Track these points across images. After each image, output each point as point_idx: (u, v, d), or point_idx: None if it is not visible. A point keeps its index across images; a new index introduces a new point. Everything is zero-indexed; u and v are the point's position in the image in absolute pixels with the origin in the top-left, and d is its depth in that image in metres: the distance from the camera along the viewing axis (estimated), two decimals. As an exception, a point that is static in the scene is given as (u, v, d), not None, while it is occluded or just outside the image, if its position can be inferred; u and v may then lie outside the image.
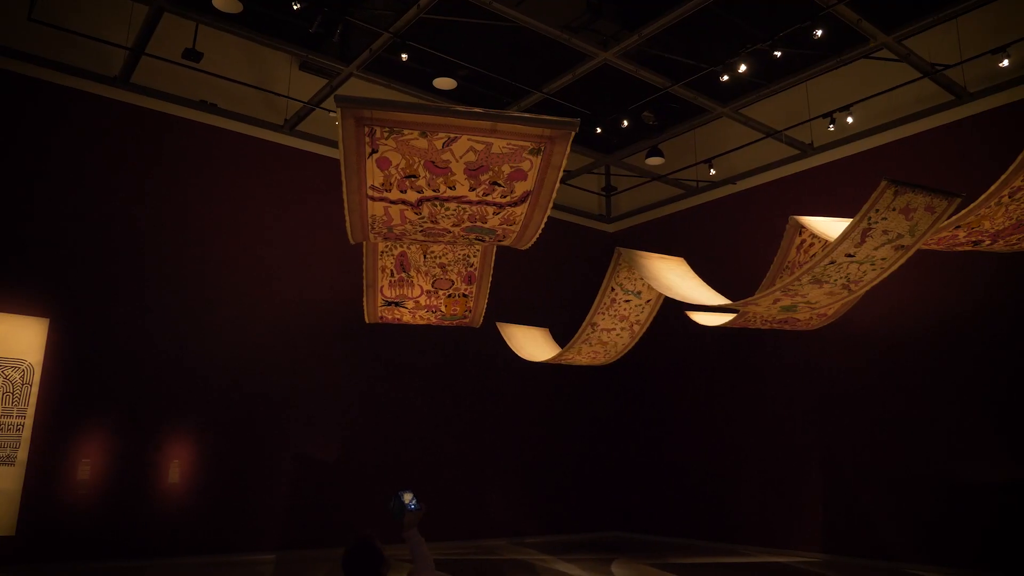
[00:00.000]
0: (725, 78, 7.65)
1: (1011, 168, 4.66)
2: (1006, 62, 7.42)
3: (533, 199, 4.53)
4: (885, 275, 5.16)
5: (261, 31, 7.81)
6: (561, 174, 4.33)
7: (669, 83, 8.23)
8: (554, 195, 4.50)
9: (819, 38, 7.19)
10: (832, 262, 4.89)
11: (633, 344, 7.76)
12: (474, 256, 6.87)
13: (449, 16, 7.37)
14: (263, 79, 9.18)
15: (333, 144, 9.61)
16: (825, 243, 6.78)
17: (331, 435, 9.01)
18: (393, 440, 9.43)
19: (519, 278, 10.05)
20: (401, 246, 6.58)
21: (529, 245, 5.28)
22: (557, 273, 11.34)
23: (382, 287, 7.00)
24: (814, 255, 6.95)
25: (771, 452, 9.40)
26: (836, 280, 5.15)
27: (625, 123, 8.93)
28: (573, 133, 4.07)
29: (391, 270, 6.83)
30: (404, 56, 7.25)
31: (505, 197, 4.49)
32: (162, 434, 7.92)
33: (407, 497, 3.02)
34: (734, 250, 10.12)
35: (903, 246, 4.88)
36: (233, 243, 8.71)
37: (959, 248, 5.88)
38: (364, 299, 7.07)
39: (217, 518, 8.03)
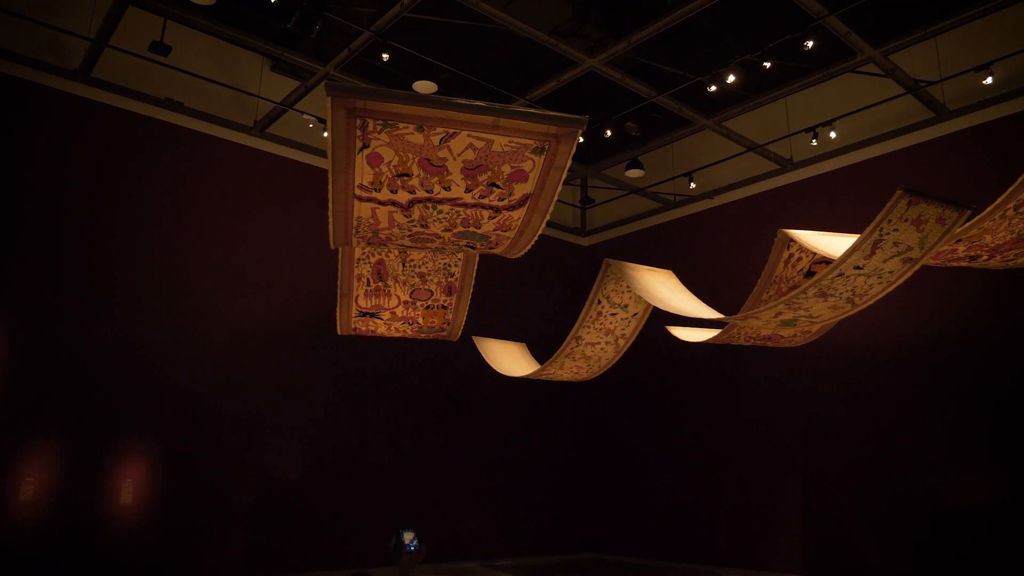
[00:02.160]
0: (713, 88, 7.52)
1: (1019, 180, 4.54)
2: (990, 79, 7.41)
3: (532, 202, 4.25)
4: (890, 288, 5.01)
5: (233, 26, 7.42)
6: (564, 176, 4.07)
7: (654, 92, 8.06)
8: (555, 199, 4.23)
9: (807, 50, 7.08)
10: (840, 274, 4.71)
11: (617, 359, 7.51)
12: (455, 265, 6.58)
13: (433, 16, 7.10)
14: (233, 80, 8.78)
15: (305, 148, 9.25)
16: (813, 256, 6.65)
17: (297, 453, 8.56)
18: (362, 458, 9.02)
19: (488, 291, 9.75)
20: (379, 253, 6.26)
21: (521, 254, 5.00)
22: (529, 287, 11.06)
23: (357, 297, 6.66)
24: (802, 268, 6.83)
25: (753, 472, 9.22)
26: (842, 293, 4.97)
27: (608, 133, 8.74)
28: (580, 131, 3.82)
29: (367, 279, 6.50)
30: (385, 56, 6.95)
31: (503, 200, 4.20)
32: (114, 450, 7.38)
33: (408, 536, 2.71)
34: (711, 265, 9.98)
35: (911, 259, 4.72)
36: (196, 248, 8.25)
37: (955, 263, 5.76)
38: (338, 309, 6.72)
39: (174, 541, 7.50)
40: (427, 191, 4.10)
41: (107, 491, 7.26)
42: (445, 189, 4.09)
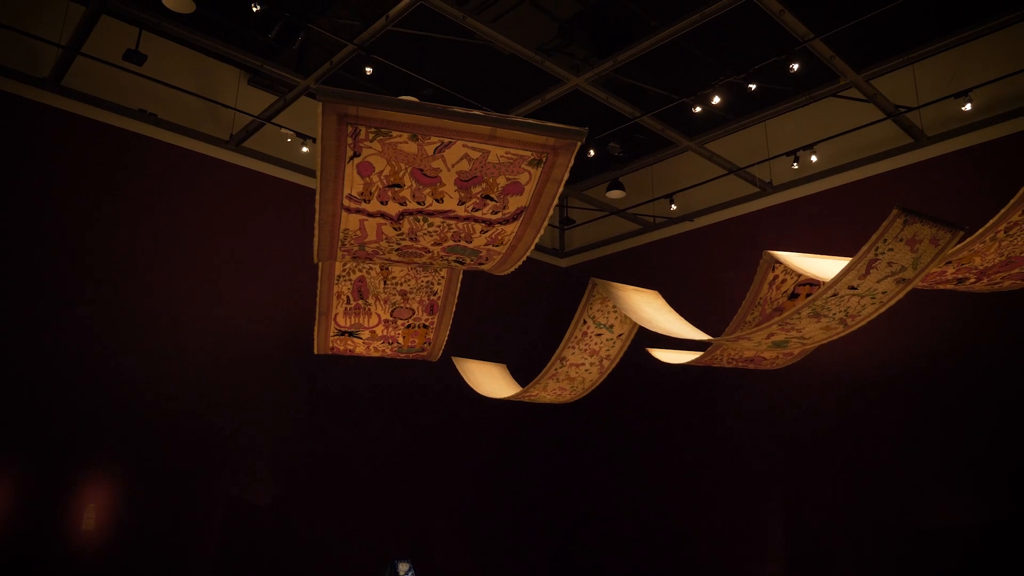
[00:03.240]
0: (698, 109, 7.51)
1: (1011, 203, 4.53)
2: (968, 106, 7.51)
3: (527, 216, 4.13)
4: (882, 310, 4.96)
5: (211, 35, 7.24)
6: (561, 189, 3.96)
7: (639, 113, 8.04)
8: (550, 213, 4.12)
9: (791, 73, 7.11)
10: (835, 294, 4.65)
11: (601, 381, 7.39)
12: (438, 284, 6.47)
13: (419, 31, 7.01)
14: (209, 94, 8.58)
15: (281, 163, 9.07)
16: (798, 278, 6.63)
17: (270, 476, 8.26)
18: (337, 481, 8.73)
19: (463, 313, 9.60)
20: (360, 270, 6.11)
21: (511, 270, 4.88)
22: (505, 309, 10.88)
23: (336, 315, 6.49)
24: (786, 291, 6.80)
25: (734, 497, 9.11)
26: (835, 314, 4.92)
27: (591, 152, 8.69)
28: (579, 144, 3.72)
29: (347, 296, 6.33)
30: (368, 70, 6.83)
31: (496, 213, 4.08)
32: (76, 472, 7.03)
33: (403, 568, 2.53)
34: (691, 287, 9.93)
35: (904, 279, 4.69)
36: (167, 262, 7.98)
37: (941, 286, 5.76)
38: (315, 328, 6.52)
39: (140, 571, 7.14)
40: (418, 203, 3.96)
41: (67, 516, 6.89)
42: (437, 201, 3.95)
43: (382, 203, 3.95)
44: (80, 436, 7.10)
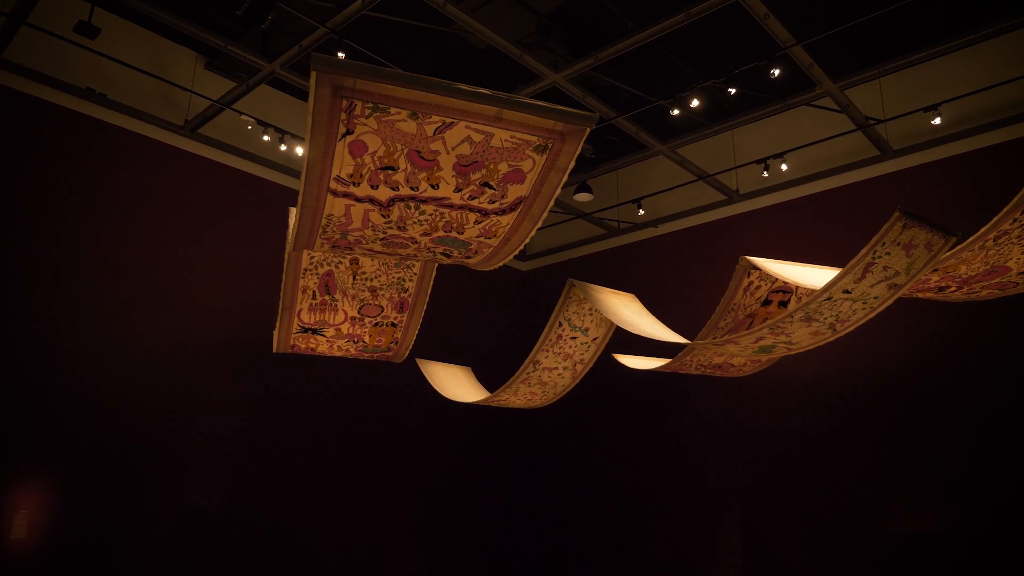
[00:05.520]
0: (676, 112, 7.41)
1: (1003, 212, 4.53)
2: (938, 120, 7.61)
3: (525, 207, 3.91)
4: (872, 315, 4.90)
5: (169, 10, 6.81)
6: (565, 179, 3.75)
7: (615, 114, 7.91)
8: (550, 205, 3.91)
9: (771, 79, 7.07)
10: (829, 298, 4.57)
11: (573, 386, 7.20)
12: (409, 280, 6.21)
13: (395, 17, 6.73)
14: (163, 76, 8.09)
15: (241, 153, 8.65)
16: (772, 284, 6.58)
17: (217, 481, 7.80)
18: (289, 487, 8.32)
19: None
20: (328, 264, 5.82)
21: (499, 266, 4.65)
22: (464, 311, 10.56)
23: (300, 311, 6.16)
24: (760, 297, 6.76)
25: (693, 507, 9.03)
26: (826, 318, 4.83)
27: (564, 153, 8.51)
28: (588, 131, 3.52)
29: (313, 291, 6.02)
30: (341, 55, 6.52)
31: (494, 203, 3.84)
32: (5, 475, 6.47)
33: None
34: (655, 293, 9.83)
35: (896, 284, 4.64)
36: (114, 251, 7.48)
37: (922, 295, 5.76)
38: (277, 324, 6.17)
39: (74, 582, 6.63)
40: (412, 188, 3.69)
41: (-4, 524, 6.36)
42: (432, 187, 3.69)
43: (372, 187, 3.67)
44: (9, 434, 6.54)
